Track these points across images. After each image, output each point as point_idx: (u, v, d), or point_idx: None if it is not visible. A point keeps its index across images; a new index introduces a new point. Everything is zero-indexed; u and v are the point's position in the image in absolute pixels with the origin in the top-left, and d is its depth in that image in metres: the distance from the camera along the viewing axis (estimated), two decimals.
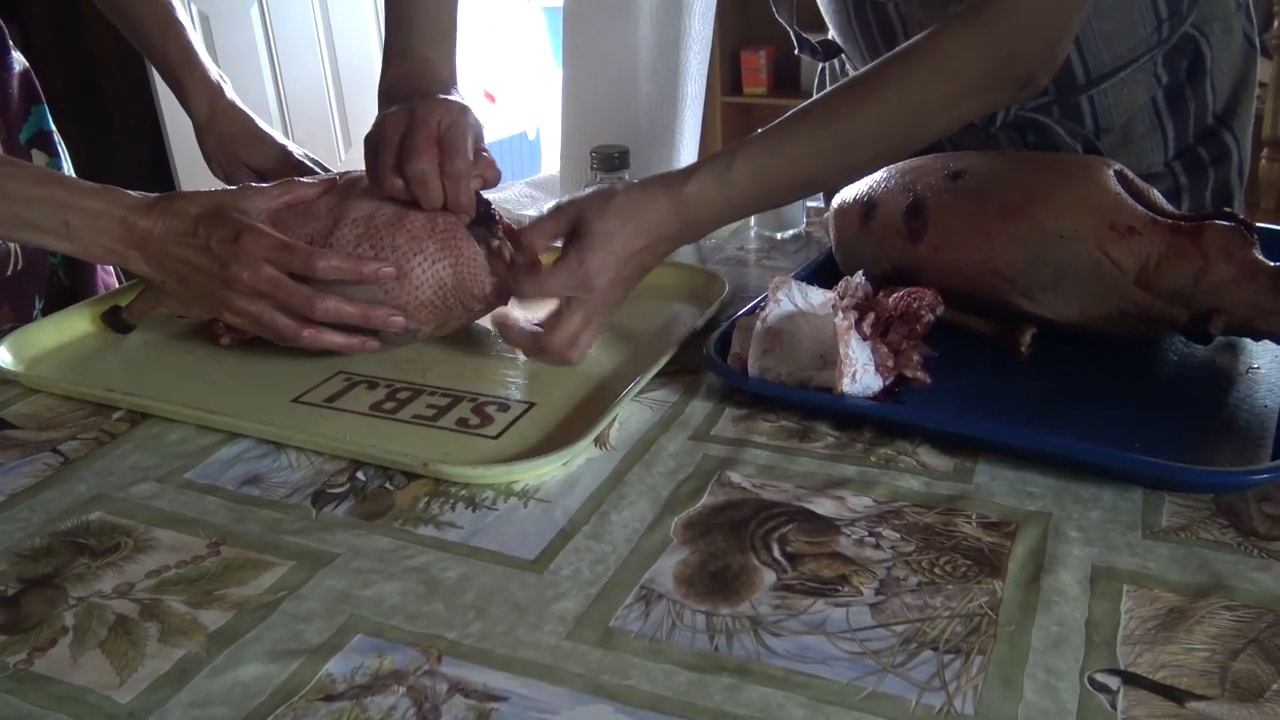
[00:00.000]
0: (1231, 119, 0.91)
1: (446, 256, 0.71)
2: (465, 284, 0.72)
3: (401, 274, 0.70)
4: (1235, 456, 0.58)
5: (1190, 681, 0.42)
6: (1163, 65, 0.87)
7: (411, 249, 0.70)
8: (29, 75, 0.97)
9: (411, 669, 0.45)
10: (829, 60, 1.03)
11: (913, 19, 0.86)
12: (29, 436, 0.67)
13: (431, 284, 0.71)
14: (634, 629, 0.47)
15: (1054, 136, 0.87)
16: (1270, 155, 2.14)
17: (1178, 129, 0.89)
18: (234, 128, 0.92)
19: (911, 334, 0.66)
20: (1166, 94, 0.88)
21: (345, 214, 0.72)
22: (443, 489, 0.59)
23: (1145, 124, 0.89)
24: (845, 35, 0.93)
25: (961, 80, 0.68)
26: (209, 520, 0.57)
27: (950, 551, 0.51)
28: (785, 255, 0.95)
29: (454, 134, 0.70)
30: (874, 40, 0.90)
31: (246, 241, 0.68)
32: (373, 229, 0.71)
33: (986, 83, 0.69)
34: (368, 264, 0.69)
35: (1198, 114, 0.89)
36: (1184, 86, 0.88)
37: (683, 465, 0.60)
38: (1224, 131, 0.91)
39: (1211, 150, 0.91)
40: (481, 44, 3.42)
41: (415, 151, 0.70)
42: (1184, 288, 0.63)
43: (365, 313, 0.70)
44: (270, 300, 0.69)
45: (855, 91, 0.69)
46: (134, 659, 0.46)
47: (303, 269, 0.68)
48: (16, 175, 0.71)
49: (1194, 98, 0.88)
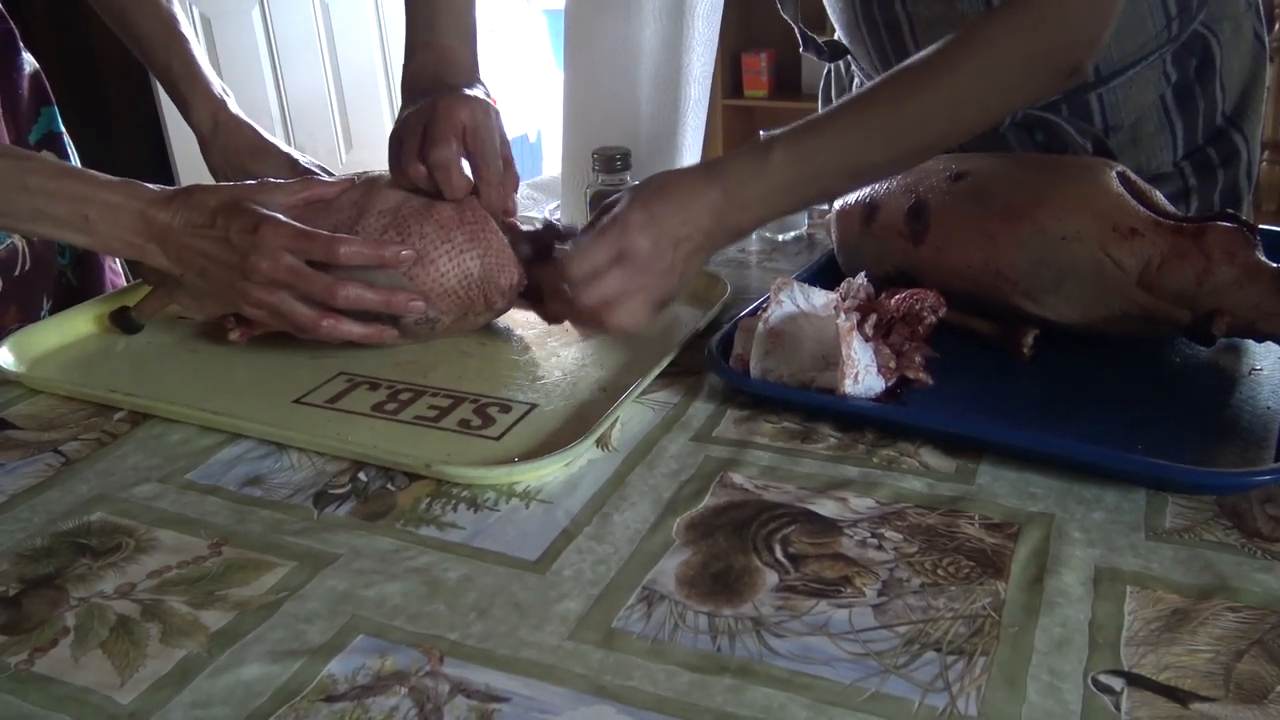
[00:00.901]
0: (1241, 119, 0.90)
1: (475, 247, 0.71)
2: (491, 275, 0.72)
3: (428, 261, 0.70)
4: (1238, 458, 0.58)
5: (1194, 683, 0.42)
6: (1172, 63, 0.86)
7: (439, 237, 0.71)
8: (39, 77, 0.97)
9: (413, 670, 0.45)
10: (834, 61, 1.03)
11: (919, 17, 0.86)
12: (30, 437, 0.67)
13: (457, 273, 0.71)
14: (636, 630, 0.47)
15: (1063, 135, 0.85)
16: (1272, 158, 2.14)
17: (1187, 128, 0.89)
18: (238, 141, 0.91)
19: (914, 335, 0.66)
20: (1175, 92, 0.87)
21: (371, 205, 0.72)
22: (444, 490, 0.59)
23: (1154, 122, 0.88)
24: (852, 34, 0.93)
25: (1011, 70, 0.66)
26: (211, 521, 0.57)
27: (953, 553, 0.51)
28: (787, 257, 0.95)
29: (484, 135, 0.71)
30: (880, 39, 0.89)
31: (265, 231, 0.68)
32: (400, 218, 0.71)
33: (1036, 72, 0.67)
34: (388, 247, 0.69)
35: (1207, 113, 0.89)
36: (1193, 85, 0.87)
37: (685, 466, 0.60)
38: (1233, 132, 0.90)
39: (1221, 151, 0.90)
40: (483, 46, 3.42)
41: (438, 140, 0.70)
42: (1186, 289, 0.63)
43: (388, 298, 0.69)
44: (290, 290, 0.69)
45: (903, 81, 0.67)
46: (135, 659, 0.46)
47: (324, 255, 0.68)
48: (35, 169, 0.71)
49: (1203, 96, 0.88)
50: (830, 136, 0.67)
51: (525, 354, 0.76)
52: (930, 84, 0.66)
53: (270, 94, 2.76)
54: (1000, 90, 0.67)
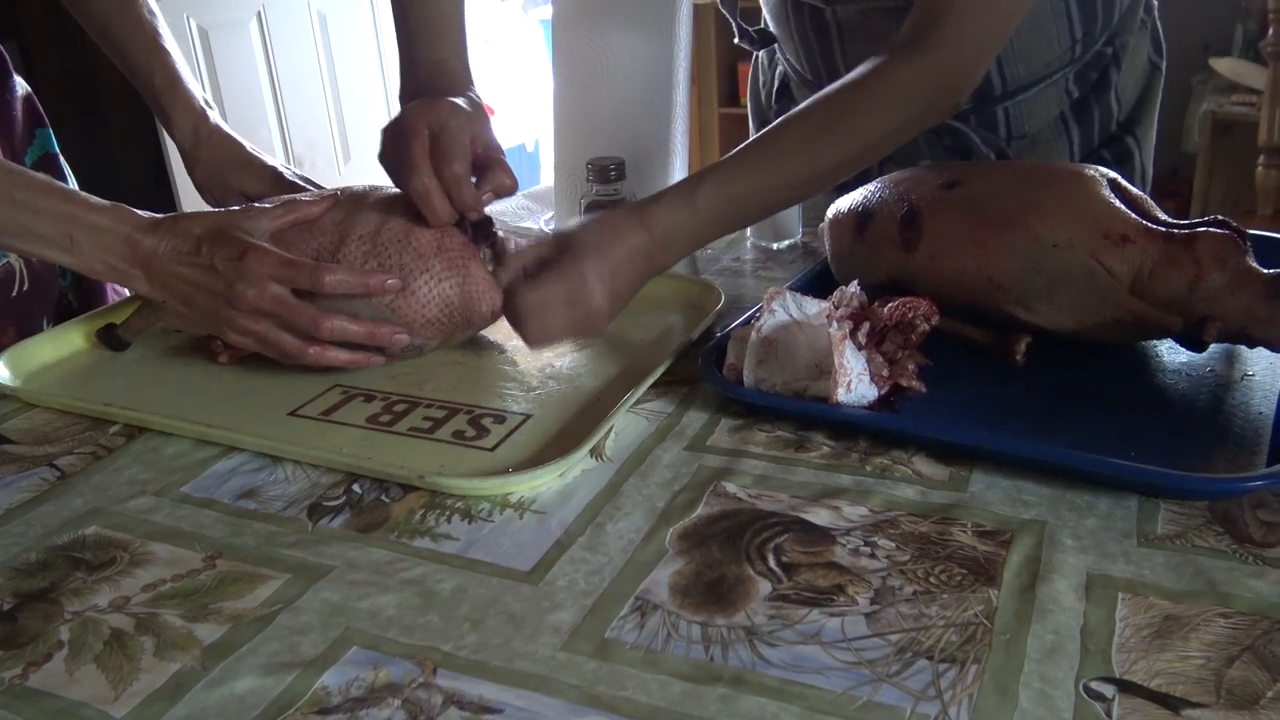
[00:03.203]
0: (1134, 125, 0.99)
1: (454, 275, 0.71)
2: (472, 302, 0.72)
3: (408, 291, 0.70)
4: (1230, 463, 0.58)
5: (1185, 689, 0.42)
6: (1074, 81, 0.95)
7: (419, 267, 0.71)
8: (32, 99, 0.97)
9: (407, 681, 0.45)
10: (763, 49, 1.11)
11: (847, 22, 0.93)
12: (26, 451, 0.67)
13: (438, 302, 0.71)
14: (629, 640, 0.47)
15: (969, 142, 0.95)
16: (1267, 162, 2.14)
17: (1083, 135, 0.97)
18: (221, 155, 0.91)
19: (907, 343, 0.66)
20: (1074, 105, 0.96)
21: (351, 230, 0.72)
22: (439, 501, 0.59)
23: (1053, 129, 0.97)
24: (780, 25, 1.00)
25: (913, 109, 0.73)
26: (205, 534, 0.57)
27: (945, 560, 0.51)
28: (781, 266, 0.95)
29: (445, 138, 0.71)
30: (808, 37, 0.97)
31: (251, 260, 0.68)
32: (379, 246, 0.71)
33: (933, 109, 0.75)
34: (373, 276, 0.69)
35: (1102, 121, 0.97)
36: (1090, 98, 0.96)
37: (678, 476, 0.60)
38: (1127, 136, 0.99)
39: (1114, 153, 0.99)
40: (479, 57, 3.43)
41: (410, 166, 0.70)
42: (1178, 295, 0.63)
43: (371, 331, 0.70)
44: (275, 319, 0.69)
45: (815, 123, 0.73)
46: (129, 673, 0.46)
47: (309, 284, 0.68)
48: (25, 183, 0.70)
49: (1099, 107, 0.97)
50: (751, 179, 0.72)
51: (520, 365, 0.76)
52: (847, 127, 0.72)
53: (268, 106, 2.76)
54: (903, 128, 0.74)
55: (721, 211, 0.72)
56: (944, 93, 0.74)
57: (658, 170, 1.00)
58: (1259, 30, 2.36)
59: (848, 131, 0.72)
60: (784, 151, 0.72)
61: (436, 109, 0.72)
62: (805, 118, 0.73)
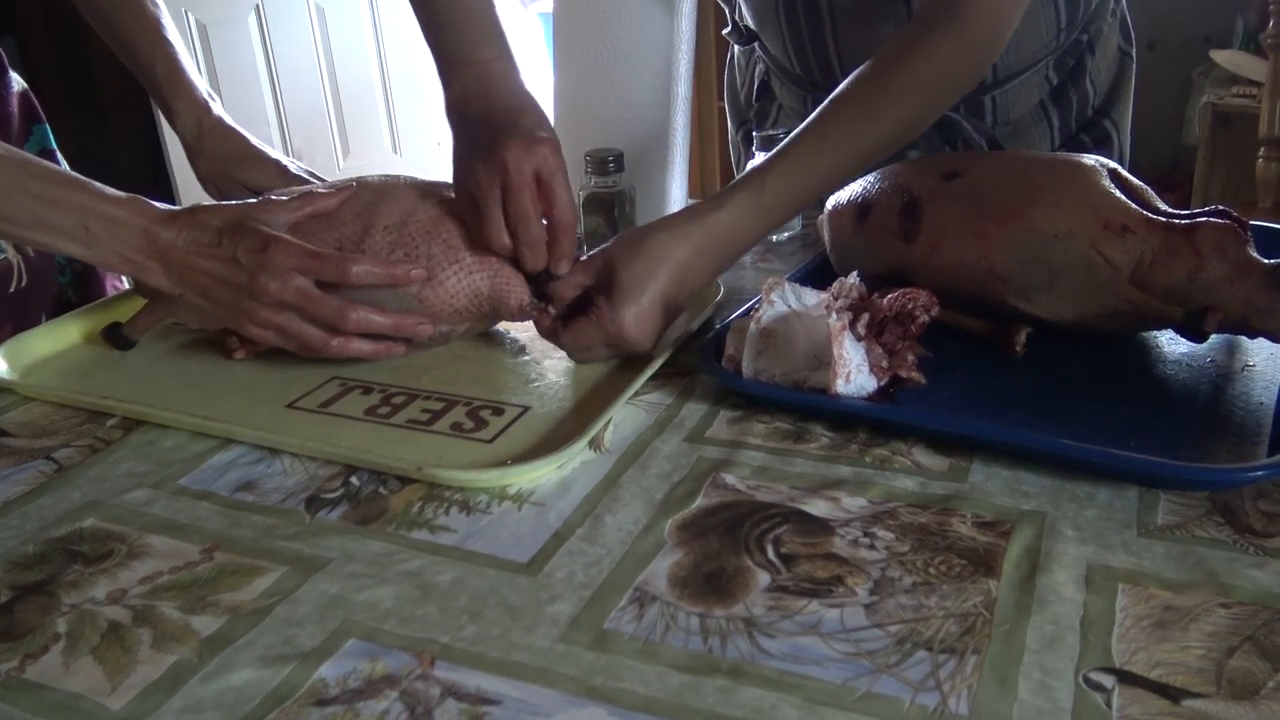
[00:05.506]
0: (1110, 109, 1.01)
1: (484, 268, 0.71)
2: (501, 295, 0.72)
3: (436, 282, 0.70)
4: (1231, 454, 0.58)
5: (1185, 679, 0.42)
6: (1053, 68, 0.97)
7: (448, 258, 0.71)
8: (28, 95, 0.96)
9: (404, 673, 0.45)
10: (747, 45, 1.10)
11: (841, 9, 0.92)
12: (23, 444, 0.67)
13: (467, 293, 0.71)
14: (628, 631, 0.47)
15: (960, 130, 0.96)
16: (1267, 154, 2.14)
17: (1062, 120, 0.99)
18: (225, 147, 0.90)
19: (906, 334, 0.66)
20: (1052, 92, 0.98)
21: (375, 220, 0.72)
22: (437, 493, 0.59)
23: (1033, 115, 0.98)
24: (767, 17, 0.99)
25: (954, 81, 0.74)
26: (202, 526, 0.57)
27: (945, 551, 0.51)
28: (781, 257, 0.95)
29: (556, 185, 0.70)
30: (799, 26, 0.95)
31: (274, 252, 0.67)
32: (406, 236, 0.71)
33: (970, 80, 0.76)
34: (398, 266, 0.69)
35: (1080, 106, 0.99)
36: (1067, 84, 0.98)
37: (677, 467, 0.60)
38: (1104, 120, 1.01)
39: (1093, 136, 1.00)
40: None
41: (523, 216, 0.69)
42: (1179, 286, 0.63)
43: (396, 322, 0.70)
44: (297, 311, 0.68)
45: (866, 105, 0.72)
46: (126, 665, 0.46)
47: (335, 276, 0.68)
48: (40, 174, 0.69)
49: (1076, 93, 0.98)
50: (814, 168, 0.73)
51: (518, 357, 0.76)
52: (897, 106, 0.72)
53: (267, 101, 2.76)
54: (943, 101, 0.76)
55: (789, 202, 0.73)
56: (981, 63, 0.76)
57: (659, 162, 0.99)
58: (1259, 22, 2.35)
59: (902, 108, 0.72)
60: (842, 136, 0.73)
61: (538, 155, 0.69)
62: (852, 98, 0.73)
